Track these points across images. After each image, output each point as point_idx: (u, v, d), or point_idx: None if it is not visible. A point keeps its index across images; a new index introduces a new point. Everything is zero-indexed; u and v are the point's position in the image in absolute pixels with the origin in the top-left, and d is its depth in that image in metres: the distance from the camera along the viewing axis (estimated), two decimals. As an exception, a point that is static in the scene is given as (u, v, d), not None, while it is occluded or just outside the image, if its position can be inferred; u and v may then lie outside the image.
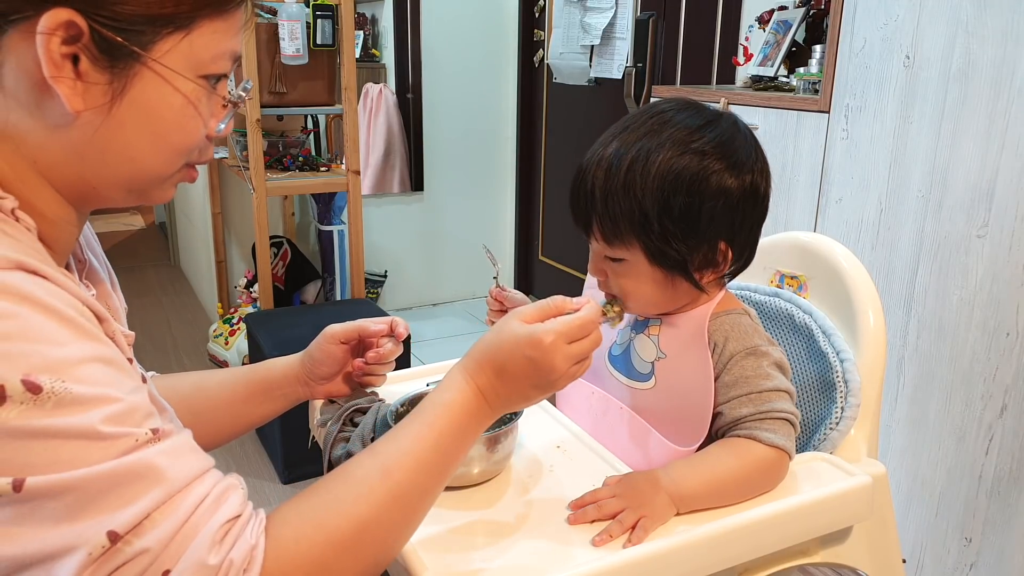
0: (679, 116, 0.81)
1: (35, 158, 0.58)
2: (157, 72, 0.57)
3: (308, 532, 0.59)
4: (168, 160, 0.61)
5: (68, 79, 0.54)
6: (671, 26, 2.68)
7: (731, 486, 0.77)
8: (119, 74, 0.56)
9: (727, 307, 0.85)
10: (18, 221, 0.56)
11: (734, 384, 0.80)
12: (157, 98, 0.58)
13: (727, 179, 0.79)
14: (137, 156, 0.59)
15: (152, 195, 0.64)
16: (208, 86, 0.60)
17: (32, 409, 0.48)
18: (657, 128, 0.80)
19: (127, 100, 0.57)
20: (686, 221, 0.79)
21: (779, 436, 0.78)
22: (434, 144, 3.70)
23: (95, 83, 0.55)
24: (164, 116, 0.59)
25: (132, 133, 0.58)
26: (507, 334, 0.69)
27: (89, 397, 0.50)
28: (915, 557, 1.59)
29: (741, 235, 0.82)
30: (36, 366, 0.49)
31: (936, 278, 1.48)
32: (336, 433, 0.87)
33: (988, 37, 1.34)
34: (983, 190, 1.38)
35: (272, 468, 2.35)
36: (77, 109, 0.55)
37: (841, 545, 0.86)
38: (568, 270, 3.58)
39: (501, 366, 0.69)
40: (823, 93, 1.66)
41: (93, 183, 0.60)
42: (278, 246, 3.06)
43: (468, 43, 3.63)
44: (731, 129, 0.81)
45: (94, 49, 0.54)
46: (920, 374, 1.53)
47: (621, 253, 0.81)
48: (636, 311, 0.86)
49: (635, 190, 0.78)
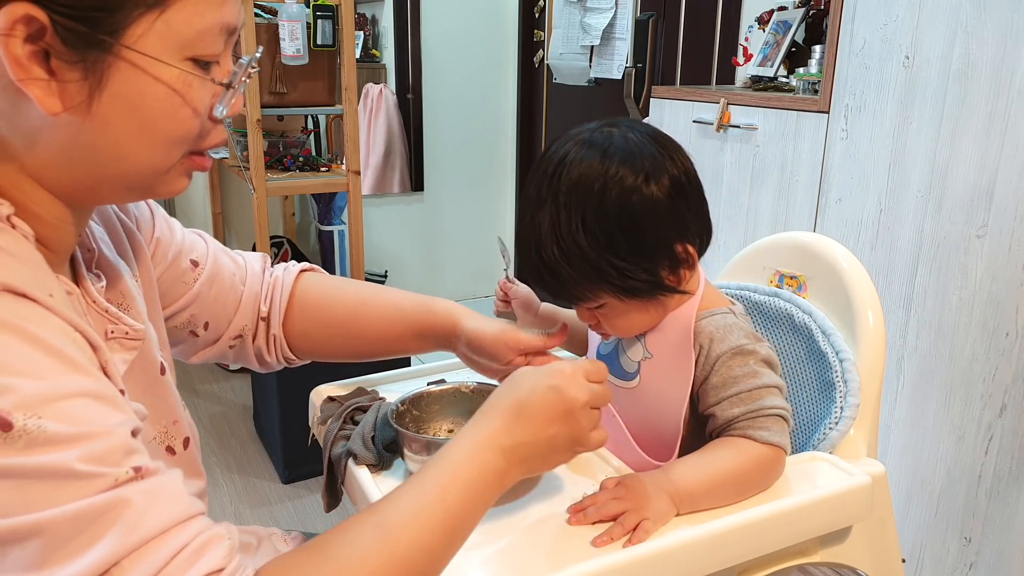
0: (578, 156, 0.78)
1: (23, 163, 0.54)
2: (131, 61, 0.51)
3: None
4: (163, 153, 0.56)
5: (40, 80, 0.50)
6: (671, 26, 2.68)
7: (730, 485, 0.77)
8: (92, 67, 0.51)
9: (711, 305, 0.85)
10: (14, 228, 0.53)
11: (723, 385, 0.80)
12: (138, 89, 0.52)
13: (647, 190, 0.77)
14: (128, 153, 0.55)
15: (158, 190, 0.59)
16: (196, 69, 0.54)
17: (7, 446, 0.44)
18: (557, 181, 0.78)
19: (107, 95, 0.52)
20: (634, 251, 0.78)
21: (773, 433, 0.78)
22: (434, 144, 3.70)
23: (69, 80, 0.51)
24: (150, 107, 0.53)
25: (118, 129, 0.53)
26: (521, 374, 0.67)
27: (67, 436, 0.46)
28: (915, 557, 1.59)
29: (691, 227, 0.81)
30: (10, 402, 0.45)
31: (936, 278, 1.48)
32: (336, 431, 0.87)
33: (988, 37, 1.34)
34: (983, 190, 1.38)
35: (272, 468, 2.35)
36: (54, 111, 0.51)
37: (841, 545, 0.86)
38: (568, 270, 3.58)
39: (520, 405, 0.64)
40: (823, 93, 1.66)
41: (88, 183, 0.56)
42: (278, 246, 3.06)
43: (468, 43, 3.63)
44: (624, 140, 0.79)
45: (60, 43, 0.49)
46: (920, 374, 1.53)
47: (599, 302, 0.82)
48: (627, 338, 0.87)
49: (572, 255, 0.77)
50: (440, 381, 0.96)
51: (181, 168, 0.59)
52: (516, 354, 0.85)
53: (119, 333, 0.62)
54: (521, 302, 1.08)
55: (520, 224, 0.83)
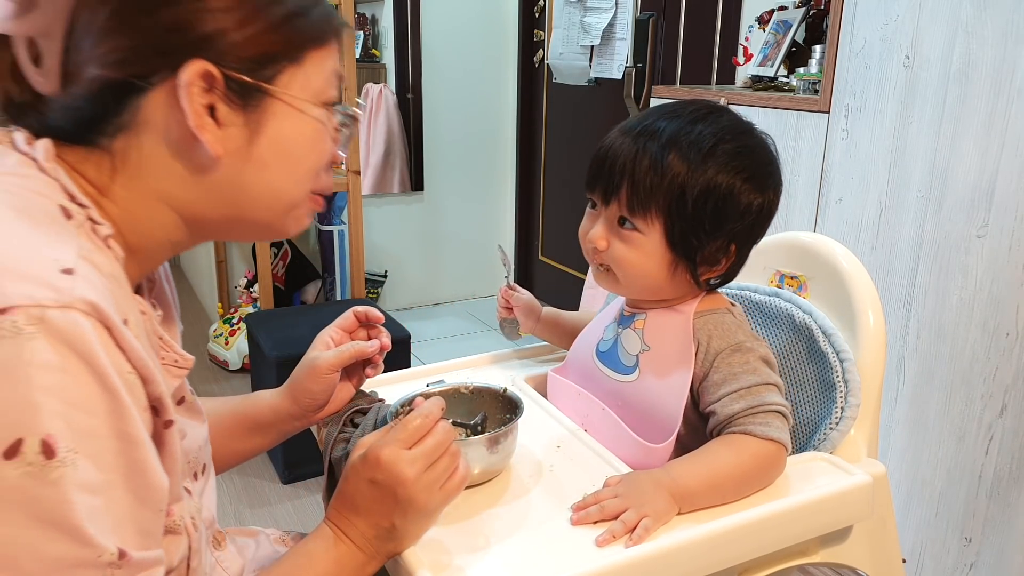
0: (740, 121, 0.86)
1: (175, 204, 0.59)
2: (287, 102, 0.60)
3: None
4: (303, 185, 0.64)
5: (209, 126, 0.56)
6: (671, 26, 2.68)
7: (731, 482, 0.77)
8: (252, 113, 0.58)
9: (711, 306, 0.86)
10: (109, 249, 0.55)
11: (723, 382, 0.81)
12: (291, 129, 0.60)
13: (760, 194, 0.83)
14: (276, 188, 0.62)
15: (288, 227, 0.65)
16: (329, 111, 0.63)
17: (37, 474, 0.45)
18: (713, 116, 0.83)
19: (264, 137, 0.59)
20: (718, 214, 0.81)
21: (773, 429, 0.78)
22: (434, 144, 3.70)
23: (232, 125, 0.58)
24: (299, 144, 0.62)
25: (270, 167, 0.60)
26: (347, 466, 0.68)
27: (90, 482, 0.47)
28: (915, 557, 1.59)
29: (747, 245, 0.85)
30: (61, 429, 0.45)
31: (936, 278, 1.48)
32: (336, 434, 0.87)
33: (988, 37, 1.34)
34: (983, 190, 1.38)
35: (272, 468, 2.35)
36: (218, 154, 0.57)
37: (841, 545, 0.86)
38: (568, 270, 3.58)
39: (351, 502, 0.67)
40: (823, 93, 1.66)
41: (232, 219, 0.62)
42: (278, 246, 3.06)
43: (468, 43, 3.63)
44: (766, 147, 0.87)
45: (228, 93, 0.57)
46: (920, 374, 1.53)
47: (638, 223, 0.82)
48: (624, 285, 0.86)
49: (671, 166, 0.79)
50: (439, 382, 0.96)
51: (306, 206, 0.66)
52: (330, 375, 0.85)
53: (169, 360, 0.63)
54: (523, 308, 1.08)
55: (627, 123, 0.85)
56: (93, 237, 0.54)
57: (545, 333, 1.10)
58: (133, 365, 0.51)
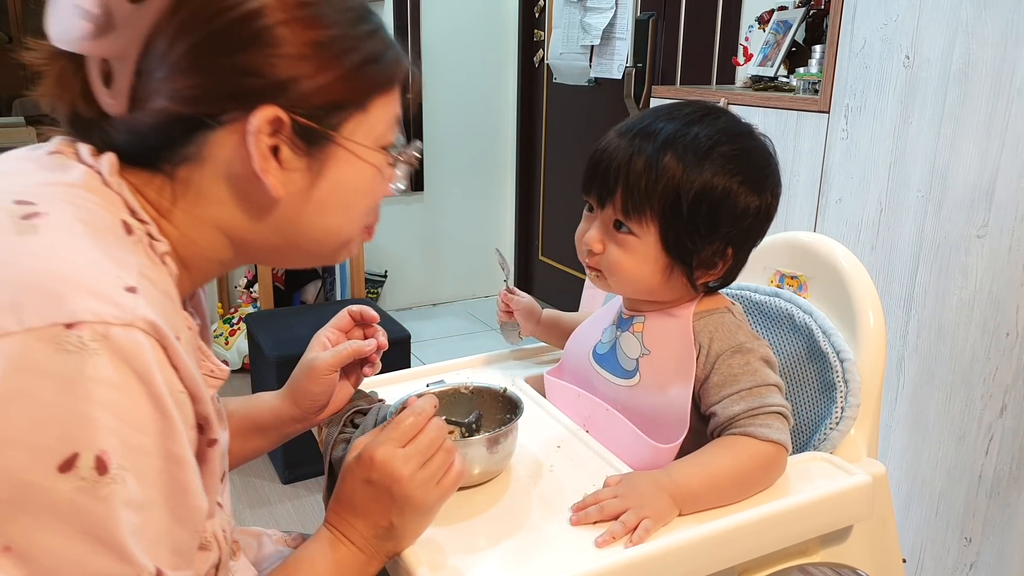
0: (738, 123, 0.84)
1: (231, 233, 0.61)
2: (350, 150, 0.61)
3: None
4: (359, 224, 0.66)
5: (273, 169, 0.58)
6: (671, 26, 2.68)
7: (732, 483, 0.77)
8: (315, 157, 0.59)
9: (710, 306, 0.86)
10: (164, 265, 0.56)
11: (724, 383, 0.80)
12: (351, 173, 0.62)
13: (755, 192, 0.82)
14: (333, 228, 0.63)
15: (339, 256, 0.67)
16: (389, 154, 0.65)
17: (88, 489, 0.45)
18: (710, 118, 0.82)
19: (325, 180, 0.61)
20: (713, 218, 0.80)
21: (774, 431, 0.78)
22: (434, 144, 3.70)
23: (295, 169, 0.59)
24: (358, 188, 0.63)
25: (328, 209, 0.62)
26: (343, 468, 0.68)
27: (135, 500, 0.47)
28: (915, 557, 1.59)
29: (744, 248, 0.84)
30: (115, 446, 0.46)
31: (936, 278, 1.48)
32: (336, 434, 0.87)
33: (988, 37, 1.34)
34: (983, 190, 1.38)
35: (272, 468, 2.35)
36: (280, 195, 0.59)
37: (841, 545, 0.86)
38: (568, 270, 3.58)
39: (349, 504, 0.67)
40: (823, 93, 1.66)
41: (286, 250, 0.64)
42: (278, 246, 3.05)
43: (468, 43, 3.63)
44: (767, 150, 0.86)
45: (294, 138, 0.58)
46: (920, 374, 1.53)
47: (633, 226, 0.81)
48: (619, 287, 0.86)
49: (668, 168, 0.79)
50: (439, 382, 0.96)
51: (358, 240, 0.68)
52: (328, 375, 0.85)
53: (205, 370, 0.63)
54: (523, 311, 1.08)
55: (625, 124, 0.84)
56: (151, 253, 0.55)
57: (545, 335, 1.10)
58: (185, 384, 0.52)
